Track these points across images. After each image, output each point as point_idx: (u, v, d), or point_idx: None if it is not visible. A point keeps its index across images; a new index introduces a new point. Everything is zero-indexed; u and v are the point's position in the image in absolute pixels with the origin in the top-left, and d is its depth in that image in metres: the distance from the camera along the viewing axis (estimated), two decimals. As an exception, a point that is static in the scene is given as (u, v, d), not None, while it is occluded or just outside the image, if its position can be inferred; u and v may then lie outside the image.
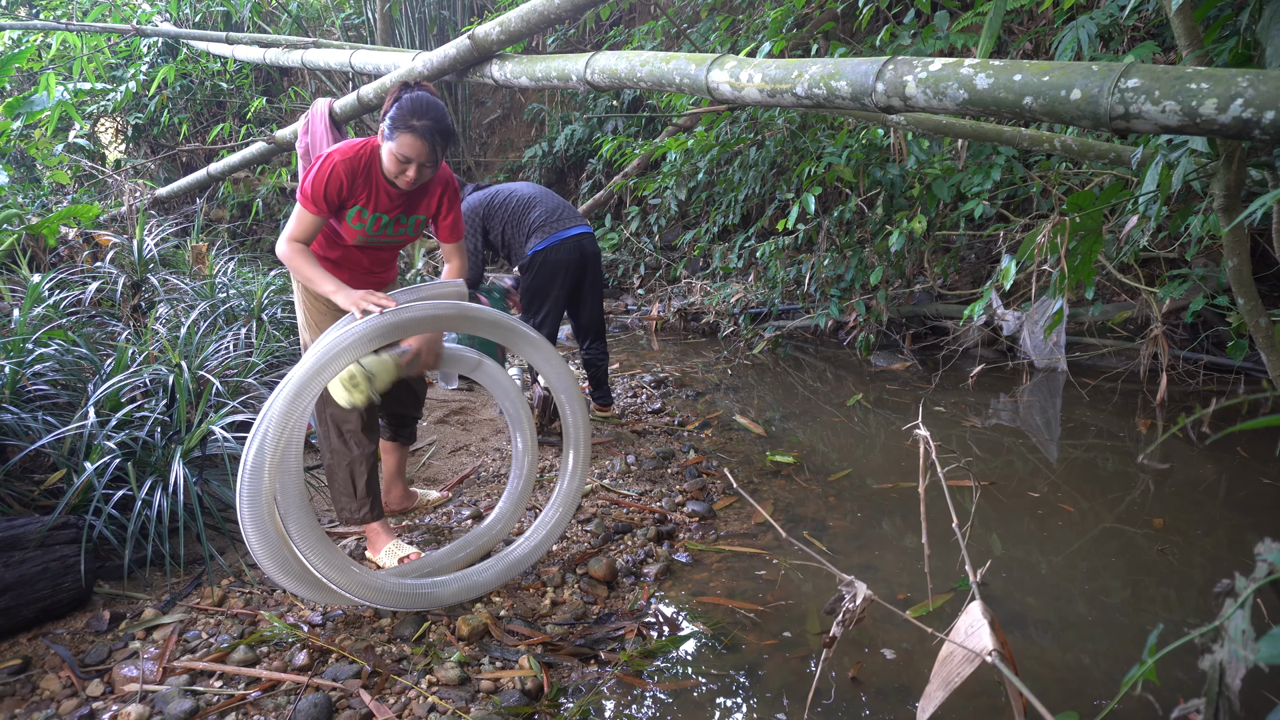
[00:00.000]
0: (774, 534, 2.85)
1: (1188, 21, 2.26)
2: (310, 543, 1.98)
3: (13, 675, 1.91)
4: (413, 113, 2.15)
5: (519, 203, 3.72)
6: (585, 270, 3.74)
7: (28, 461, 2.50)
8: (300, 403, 1.96)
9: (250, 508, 1.89)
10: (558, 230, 3.62)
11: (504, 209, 3.72)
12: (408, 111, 2.16)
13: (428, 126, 2.16)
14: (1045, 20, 5.41)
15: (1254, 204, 1.83)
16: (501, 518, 2.54)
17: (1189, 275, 4.11)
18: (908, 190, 5.22)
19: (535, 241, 3.61)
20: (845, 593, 1.65)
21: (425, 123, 2.15)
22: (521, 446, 2.58)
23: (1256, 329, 2.52)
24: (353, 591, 2.01)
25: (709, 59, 2.67)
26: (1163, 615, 2.35)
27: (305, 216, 2.27)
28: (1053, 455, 3.72)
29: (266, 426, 1.91)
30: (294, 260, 2.26)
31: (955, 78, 2.05)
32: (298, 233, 2.27)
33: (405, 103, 2.17)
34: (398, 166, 2.21)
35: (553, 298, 3.68)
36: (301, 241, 2.28)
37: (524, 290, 3.74)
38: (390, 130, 2.18)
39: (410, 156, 2.18)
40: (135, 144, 9.59)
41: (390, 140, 2.18)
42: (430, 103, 2.18)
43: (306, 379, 1.97)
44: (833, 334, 6.20)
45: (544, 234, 3.61)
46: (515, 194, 3.76)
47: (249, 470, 1.88)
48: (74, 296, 3.68)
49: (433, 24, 8.89)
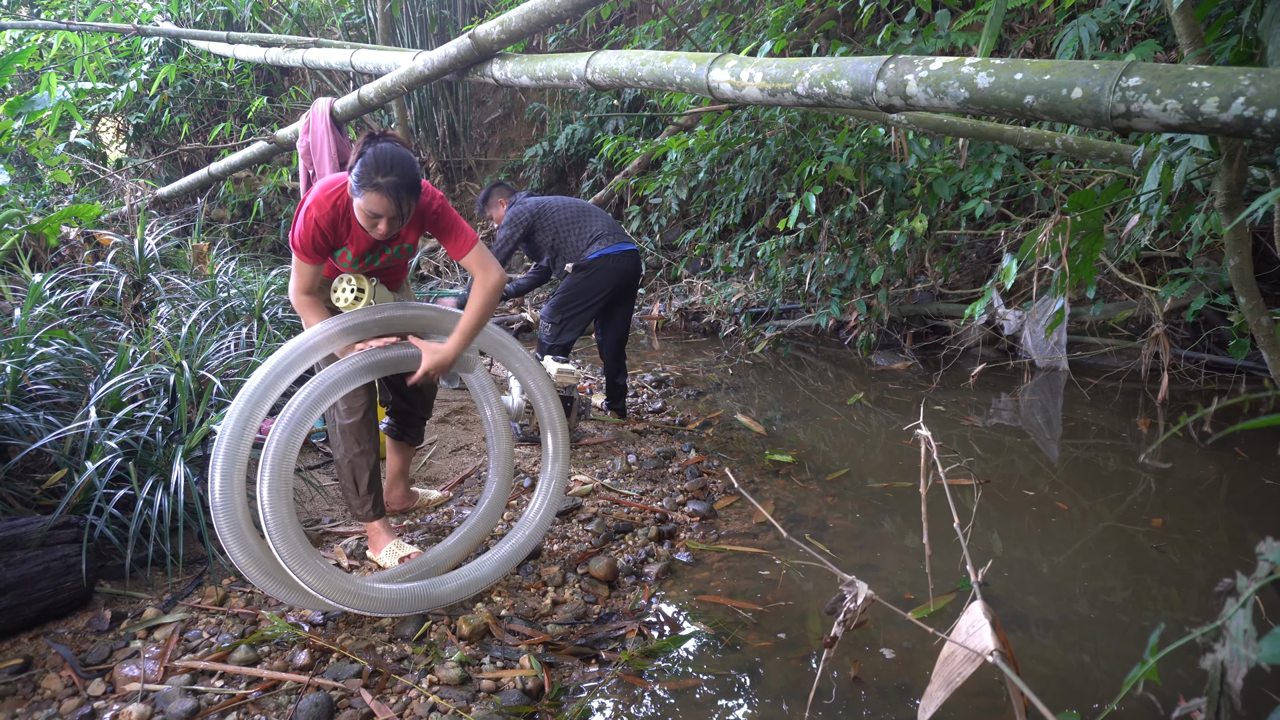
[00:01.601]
0: (775, 533, 2.85)
1: (1189, 20, 2.26)
2: (290, 547, 2.00)
3: (14, 674, 1.91)
4: (376, 169, 2.06)
5: (579, 210, 3.98)
6: (631, 285, 4.02)
7: (29, 461, 2.50)
8: (258, 412, 2.05)
9: (225, 514, 1.95)
10: (620, 242, 3.92)
11: (562, 212, 3.95)
12: (371, 168, 2.06)
13: (393, 183, 2.07)
14: (1046, 19, 5.41)
15: (1255, 203, 1.83)
16: (482, 516, 2.53)
17: (1190, 274, 4.11)
18: (909, 189, 5.21)
19: (601, 246, 3.87)
20: (846, 592, 1.65)
21: (391, 179, 2.07)
22: (498, 451, 2.62)
23: (1258, 328, 2.51)
24: (332, 598, 2.03)
25: (710, 58, 2.67)
26: (1164, 615, 2.35)
27: (303, 268, 2.30)
28: (1054, 455, 3.72)
29: (227, 431, 1.99)
30: (303, 313, 2.36)
31: (956, 76, 2.05)
32: (301, 284, 2.31)
33: (369, 158, 2.07)
34: (368, 221, 2.15)
35: (595, 302, 3.91)
36: (306, 293, 2.32)
37: (570, 286, 3.91)
38: (357, 186, 2.10)
39: (378, 213, 2.11)
40: (136, 143, 9.59)
41: (358, 196, 2.11)
42: (395, 157, 2.09)
43: (259, 391, 2.07)
44: (834, 333, 6.20)
45: (609, 242, 3.89)
46: (573, 202, 4.04)
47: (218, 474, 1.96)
48: (75, 296, 3.68)
49: (433, 23, 8.89)
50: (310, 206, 2.24)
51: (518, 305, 7.38)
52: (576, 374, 3.78)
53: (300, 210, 2.28)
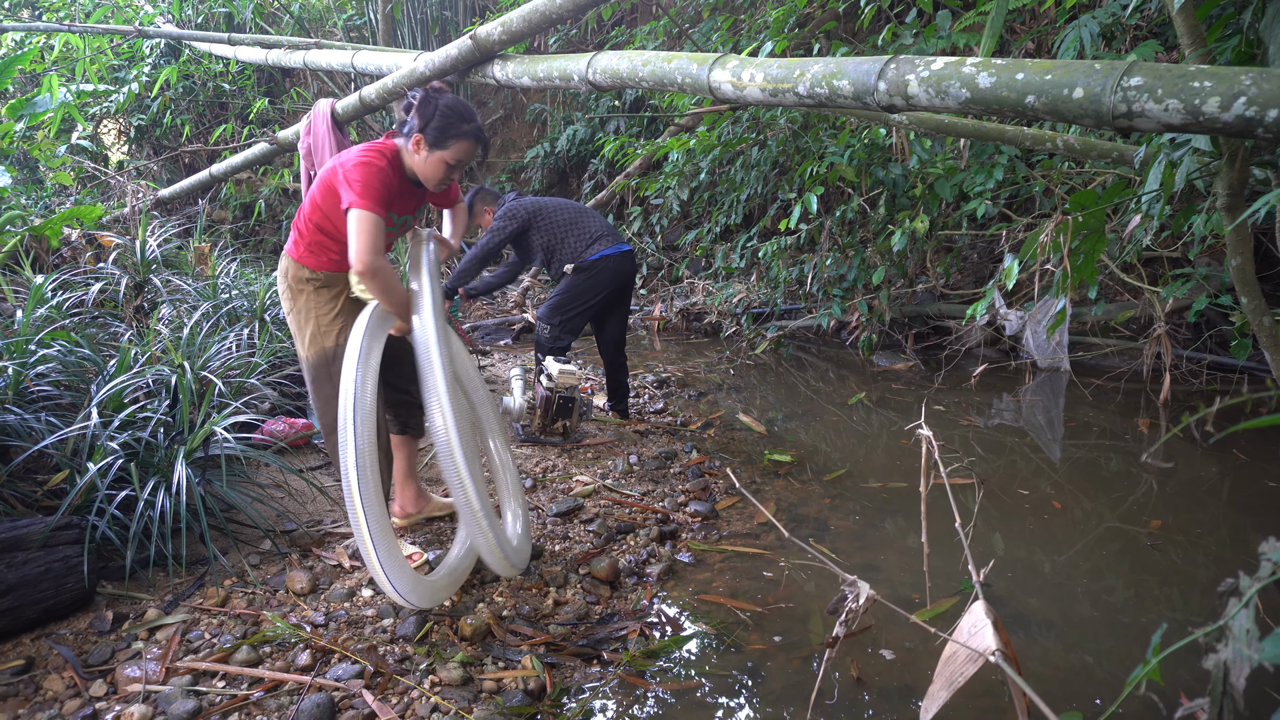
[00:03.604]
0: (776, 534, 2.85)
1: (1190, 20, 2.26)
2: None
3: (16, 676, 1.91)
4: (461, 118, 2.17)
5: (576, 211, 4.00)
6: (628, 287, 4.04)
7: (31, 462, 2.50)
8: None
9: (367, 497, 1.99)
10: (618, 244, 3.93)
11: (560, 213, 3.96)
12: (456, 117, 2.17)
13: (477, 128, 2.20)
14: (1047, 19, 5.41)
15: (1257, 203, 1.83)
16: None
17: (1192, 274, 4.10)
18: (910, 190, 5.21)
19: (601, 247, 3.88)
20: (848, 592, 1.65)
21: (474, 125, 2.19)
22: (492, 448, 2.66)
23: (1260, 328, 2.51)
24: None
25: (711, 58, 2.67)
26: (1166, 615, 2.35)
27: (375, 223, 2.11)
28: (1056, 455, 3.72)
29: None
30: (384, 276, 2.14)
31: (958, 76, 2.05)
32: (375, 243, 2.11)
33: (446, 110, 2.16)
34: (445, 171, 2.22)
35: (594, 302, 3.93)
36: (380, 253, 2.13)
37: (569, 288, 3.91)
38: (439, 139, 2.17)
39: (463, 160, 2.22)
40: (138, 145, 9.60)
41: (441, 149, 2.18)
42: (466, 104, 2.21)
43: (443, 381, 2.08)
44: (835, 334, 6.19)
45: (608, 243, 3.90)
46: (569, 204, 4.06)
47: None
48: (77, 297, 3.69)
49: (434, 25, 8.90)
50: (366, 161, 2.16)
51: (519, 306, 7.38)
52: (578, 374, 3.78)
53: (354, 168, 2.15)
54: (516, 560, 2.19)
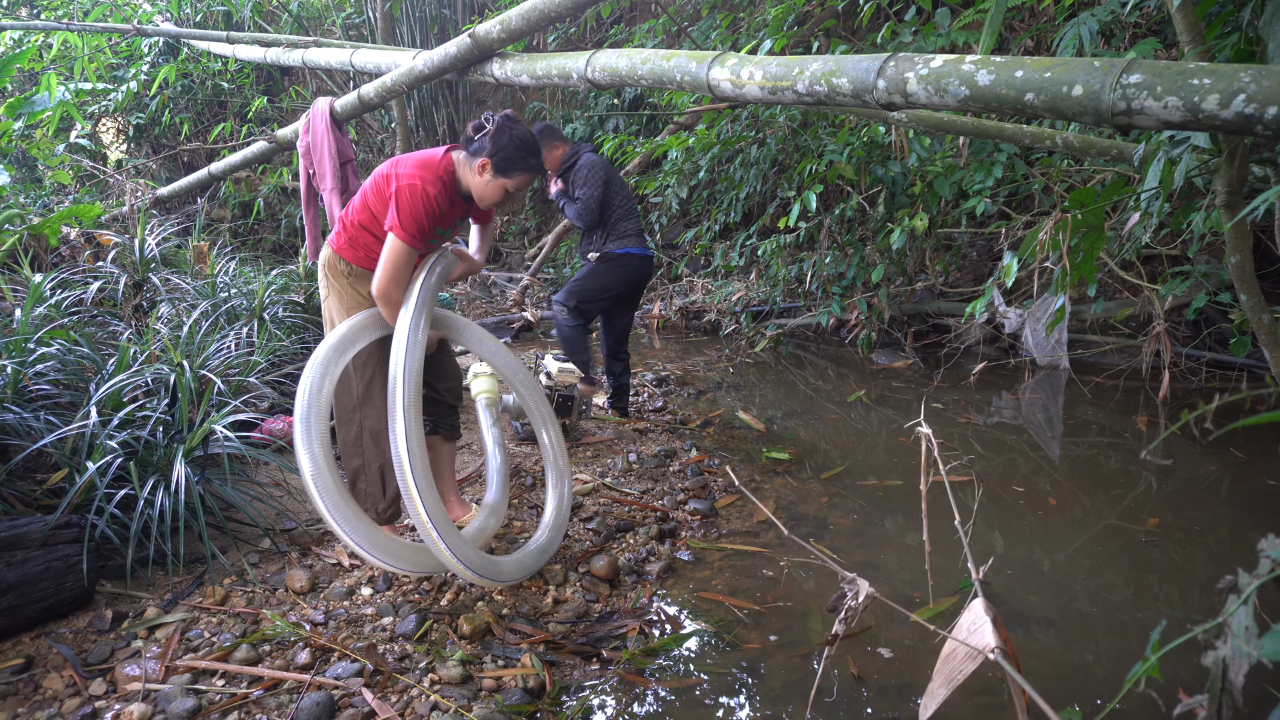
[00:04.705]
0: (776, 532, 2.85)
1: (1189, 18, 2.26)
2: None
3: (15, 674, 1.91)
4: (530, 152, 2.31)
5: (631, 205, 4.05)
6: (641, 288, 4.16)
7: (30, 461, 2.50)
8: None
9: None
10: (646, 245, 4.06)
11: (623, 196, 4.02)
12: (527, 151, 2.30)
13: (540, 163, 2.36)
14: (1046, 17, 5.40)
15: (1256, 200, 1.83)
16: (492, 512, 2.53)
17: (1191, 272, 4.11)
18: (909, 188, 5.21)
19: (634, 244, 3.97)
20: (847, 590, 1.65)
21: (539, 160, 2.35)
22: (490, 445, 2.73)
23: (1259, 325, 2.51)
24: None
25: (710, 56, 2.67)
26: (1165, 612, 2.35)
27: (406, 255, 2.28)
28: (1055, 453, 3.72)
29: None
30: (398, 308, 2.30)
31: (957, 74, 2.05)
32: (401, 275, 2.28)
33: (519, 142, 2.29)
34: (503, 197, 2.35)
35: (614, 294, 4.01)
36: (401, 286, 2.30)
37: (590, 274, 3.98)
38: (507, 167, 2.29)
39: (521, 189, 2.36)
40: (136, 144, 9.60)
41: (505, 177, 2.30)
42: (534, 138, 2.35)
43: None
44: (834, 332, 6.20)
45: (641, 242, 4.02)
46: (630, 194, 4.11)
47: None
48: (76, 296, 3.69)
49: (433, 23, 8.88)
50: (424, 186, 2.26)
51: (518, 305, 7.38)
52: (578, 373, 3.78)
53: (402, 193, 2.25)
54: (485, 570, 2.16)
